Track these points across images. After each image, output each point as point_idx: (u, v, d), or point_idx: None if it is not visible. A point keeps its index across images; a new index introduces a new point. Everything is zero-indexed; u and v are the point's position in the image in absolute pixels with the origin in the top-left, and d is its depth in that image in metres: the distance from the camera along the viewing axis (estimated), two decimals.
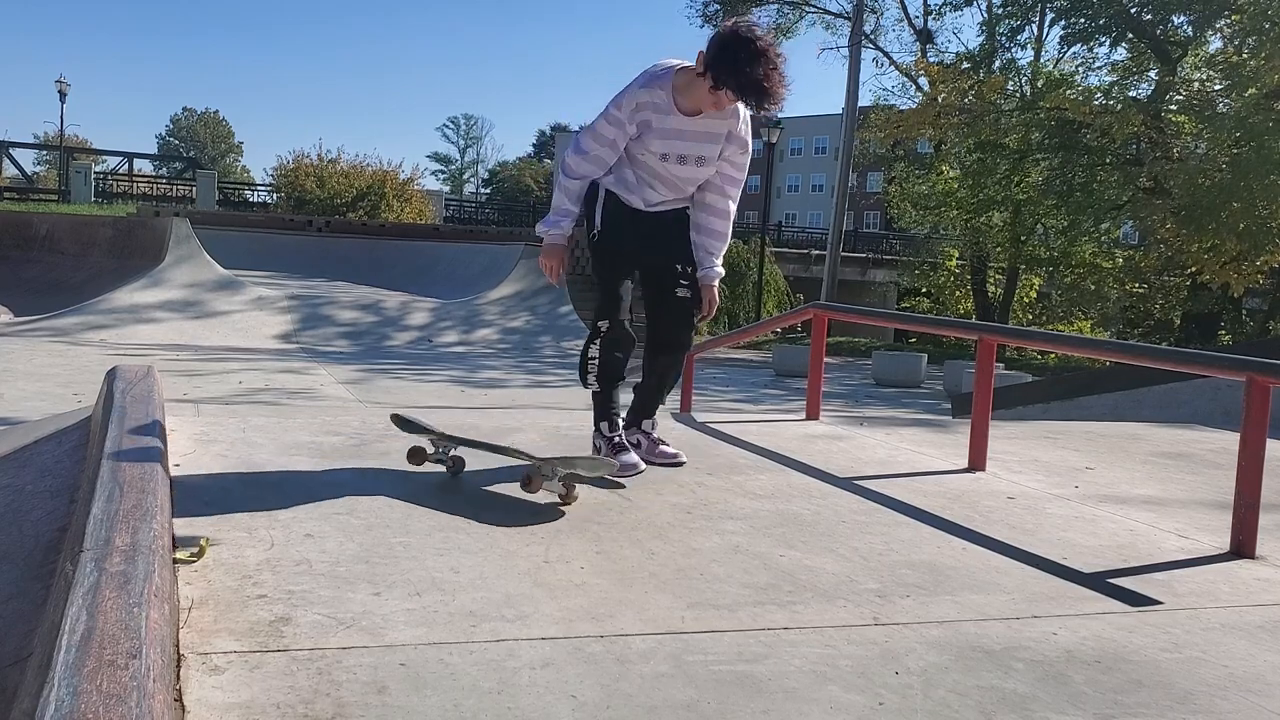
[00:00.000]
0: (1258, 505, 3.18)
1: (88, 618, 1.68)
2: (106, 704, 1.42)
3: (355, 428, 4.23)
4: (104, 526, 2.17)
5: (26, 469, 3.39)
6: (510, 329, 17.44)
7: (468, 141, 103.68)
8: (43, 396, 8.11)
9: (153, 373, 4.03)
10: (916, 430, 5.29)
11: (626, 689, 1.91)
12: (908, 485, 3.81)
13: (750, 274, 27.83)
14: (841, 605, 2.45)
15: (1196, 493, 4.09)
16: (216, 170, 49.71)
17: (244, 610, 2.14)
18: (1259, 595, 2.78)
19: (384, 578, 2.40)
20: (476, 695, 1.84)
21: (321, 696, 1.79)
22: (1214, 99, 22.85)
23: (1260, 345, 13.99)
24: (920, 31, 31.02)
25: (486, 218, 42.50)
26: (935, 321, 5.78)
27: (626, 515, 3.10)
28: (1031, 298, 30.66)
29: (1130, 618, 2.50)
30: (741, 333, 10.34)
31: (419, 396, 9.61)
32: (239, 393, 9.26)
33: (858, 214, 54.98)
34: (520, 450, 3.37)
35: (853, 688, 1.99)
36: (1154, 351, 4.64)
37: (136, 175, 41.36)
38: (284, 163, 30.61)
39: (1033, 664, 2.16)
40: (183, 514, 2.76)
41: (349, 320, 16.58)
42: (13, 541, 2.62)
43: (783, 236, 42.91)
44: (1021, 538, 3.16)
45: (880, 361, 17.80)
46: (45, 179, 51.56)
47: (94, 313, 14.99)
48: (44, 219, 21.33)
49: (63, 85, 43.37)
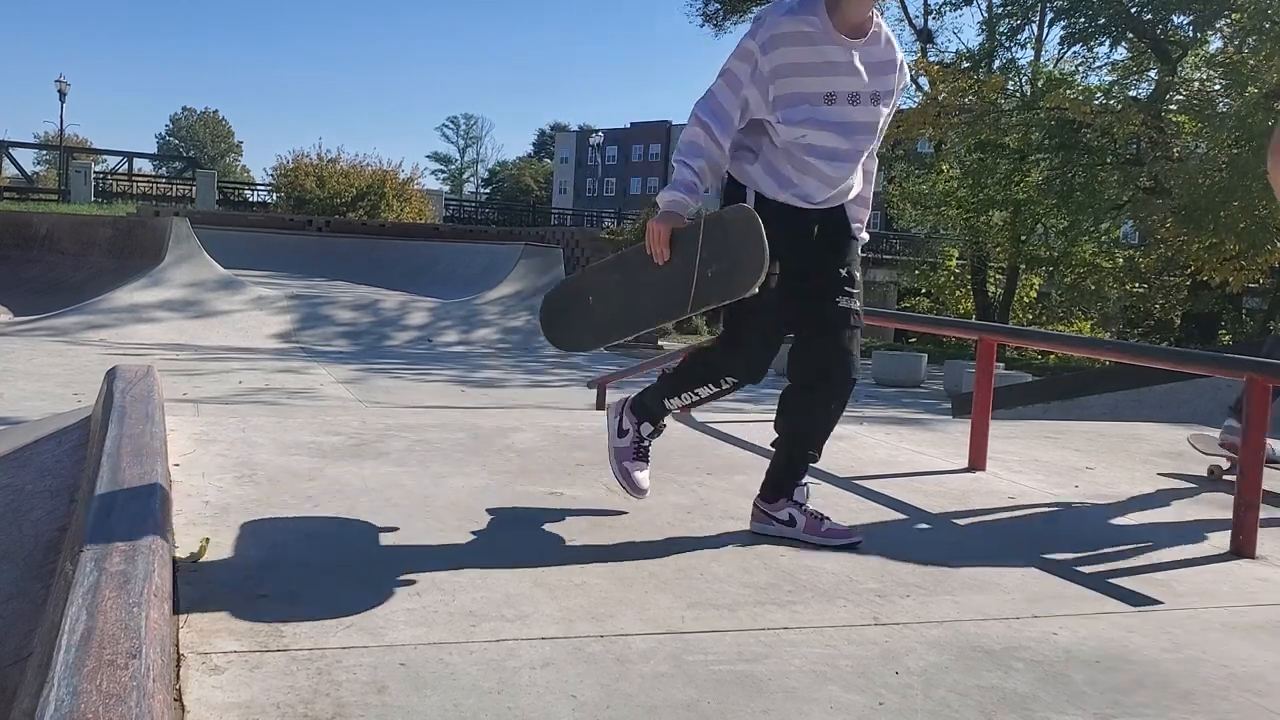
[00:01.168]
0: (1258, 505, 3.18)
1: (88, 617, 1.68)
2: (106, 704, 1.42)
3: (355, 427, 4.23)
4: (104, 526, 2.16)
5: (26, 469, 3.39)
6: (510, 329, 17.43)
7: (467, 141, 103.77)
8: (43, 396, 8.11)
9: (153, 372, 4.03)
10: (916, 430, 5.29)
11: (626, 689, 1.91)
12: (908, 485, 3.81)
13: None
14: (841, 605, 2.44)
15: (1196, 493, 4.09)
16: (216, 170, 49.71)
17: (244, 610, 2.14)
18: (1259, 595, 2.78)
19: (384, 578, 2.40)
20: (476, 695, 1.84)
21: (321, 696, 1.78)
22: (1214, 99, 22.84)
23: (1261, 345, 13.97)
24: (920, 31, 31.01)
25: (486, 217, 42.52)
26: (935, 321, 5.78)
27: (626, 515, 3.09)
28: (1031, 298, 30.65)
29: (1130, 618, 2.50)
30: None
31: (419, 396, 9.60)
32: (239, 392, 9.26)
33: None
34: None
35: (853, 688, 1.99)
36: (1154, 351, 4.64)
37: (136, 175, 41.35)
38: (284, 162, 30.62)
39: (1033, 664, 2.16)
40: (183, 514, 2.76)
41: (349, 320, 16.58)
42: (13, 541, 2.62)
43: None
44: (1022, 538, 3.16)
45: (880, 361, 17.80)
46: (45, 179, 51.55)
47: (94, 312, 14.99)
48: (44, 219, 21.32)
49: (62, 85, 43.36)
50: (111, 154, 44.35)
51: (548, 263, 19.09)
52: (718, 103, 2.70)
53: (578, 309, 3.00)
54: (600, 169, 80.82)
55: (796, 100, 2.66)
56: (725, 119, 2.70)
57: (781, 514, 2.93)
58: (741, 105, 2.70)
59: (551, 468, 3.66)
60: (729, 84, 2.70)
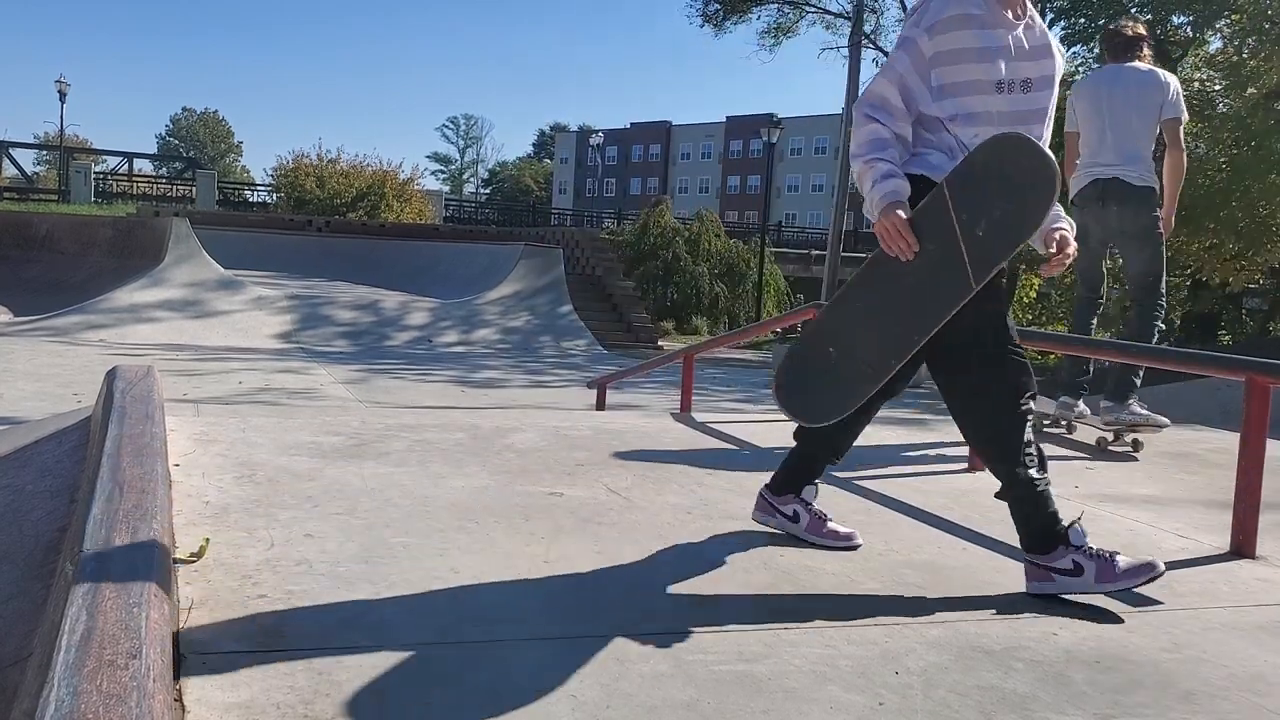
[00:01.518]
0: (1258, 505, 3.18)
1: (88, 617, 1.68)
2: (106, 704, 1.42)
3: (355, 428, 4.23)
4: (104, 527, 2.17)
5: (26, 469, 3.39)
6: (510, 329, 17.42)
7: (467, 141, 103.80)
8: (43, 396, 8.10)
9: (153, 373, 4.03)
10: (916, 430, 5.29)
11: (626, 688, 1.91)
12: (908, 485, 3.81)
13: (750, 274, 27.84)
14: (841, 605, 2.44)
15: (1196, 493, 4.09)
16: (216, 170, 49.70)
17: (244, 610, 2.14)
18: (1259, 595, 2.78)
19: (384, 578, 2.40)
20: (476, 695, 1.84)
21: (321, 696, 1.78)
22: (1214, 99, 22.84)
23: (1260, 345, 13.98)
24: None
25: (486, 218, 42.51)
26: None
27: (626, 515, 3.09)
28: (1031, 298, 30.64)
29: (1130, 618, 2.50)
30: (741, 333, 10.33)
31: (419, 396, 9.60)
32: (239, 393, 9.25)
33: (858, 214, 54.92)
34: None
35: (853, 688, 1.99)
36: (1154, 351, 4.63)
37: (136, 175, 41.32)
38: (284, 163, 30.59)
39: (1033, 664, 2.16)
40: (183, 514, 2.76)
41: (349, 320, 16.57)
42: (13, 541, 2.62)
43: (783, 236, 42.91)
44: None
45: None
46: (45, 179, 51.55)
47: (94, 312, 14.97)
48: (44, 219, 21.32)
49: (63, 85, 43.34)
50: (111, 154, 44.33)
51: (548, 263, 19.08)
52: (880, 96, 2.54)
53: (818, 367, 2.61)
54: (600, 169, 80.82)
55: (965, 89, 2.52)
56: (894, 108, 2.54)
57: (787, 509, 2.91)
58: (904, 93, 2.54)
59: (551, 468, 3.66)
60: (888, 76, 2.55)
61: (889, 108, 2.54)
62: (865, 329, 2.58)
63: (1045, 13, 27.02)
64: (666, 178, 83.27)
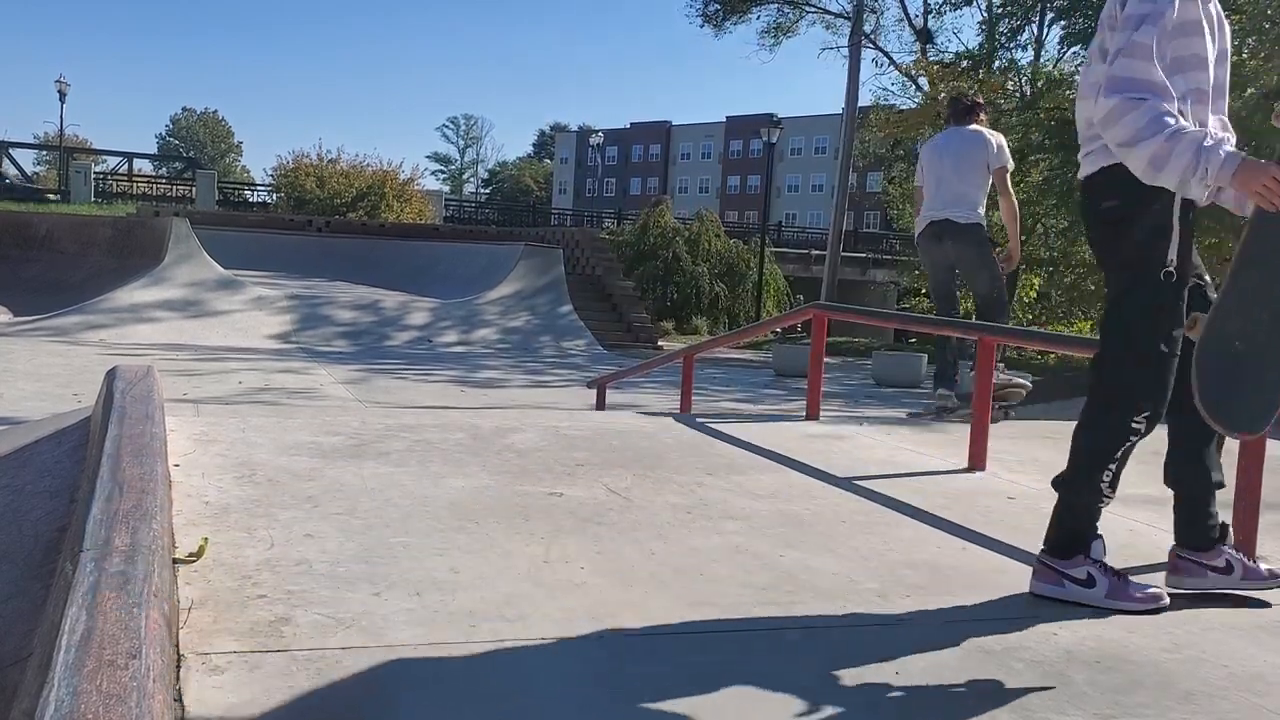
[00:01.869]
0: (1258, 505, 3.17)
1: (88, 618, 1.67)
2: (106, 704, 1.42)
3: (355, 428, 4.23)
4: (104, 527, 2.16)
5: (26, 469, 3.39)
6: (510, 329, 17.42)
7: (467, 141, 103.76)
8: (43, 396, 8.10)
9: (152, 373, 4.03)
10: (916, 430, 5.29)
11: (627, 689, 1.91)
12: (908, 485, 3.81)
13: (750, 274, 27.83)
14: (841, 605, 2.44)
15: None
16: (216, 170, 49.65)
17: (244, 610, 2.14)
18: (1259, 595, 2.78)
19: (384, 578, 2.40)
20: (476, 695, 1.84)
21: (321, 696, 1.78)
22: None
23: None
24: (920, 31, 31.00)
25: (486, 218, 42.47)
26: (935, 321, 5.77)
27: (626, 515, 3.09)
28: (1031, 298, 30.64)
29: (1130, 618, 2.50)
30: (741, 333, 10.35)
31: (419, 396, 9.60)
32: (239, 393, 9.25)
33: (858, 214, 54.99)
34: None
35: (853, 688, 1.99)
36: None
37: (136, 175, 41.31)
38: (284, 163, 30.60)
39: (1033, 664, 2.16)
40: (183, 514, 2.76)
41: (348, 320, 16.57)
42: (13, 541, 2.62)
43: (783, 236, 42.89)
44: (1021, 538, 3.15)
45: (880, 362, 17.77)
46: (45, 179, 51.52)
47: (94, 312, 14.97)
48: (44, 219, 21.31)
49: (62, 85, 43.32)
50: (111, 154, 44.33)
51: (547, 263, 19.08)
52: (1142, 79, 2.26)
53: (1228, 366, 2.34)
54: (600, 169, 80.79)
55: (1192, 64, 2.34)
56: (1157, 85, 2.26)
57: (1218, 561, 2.59)
58: (1163, 69, 2.28)
59: (551, 468, 3.66)
60: (1138, 54, 2.27)
61: (1154, 87, 2.26)
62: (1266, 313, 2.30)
63: (1045, 13, 27.09)
64: (666, 178, 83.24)
